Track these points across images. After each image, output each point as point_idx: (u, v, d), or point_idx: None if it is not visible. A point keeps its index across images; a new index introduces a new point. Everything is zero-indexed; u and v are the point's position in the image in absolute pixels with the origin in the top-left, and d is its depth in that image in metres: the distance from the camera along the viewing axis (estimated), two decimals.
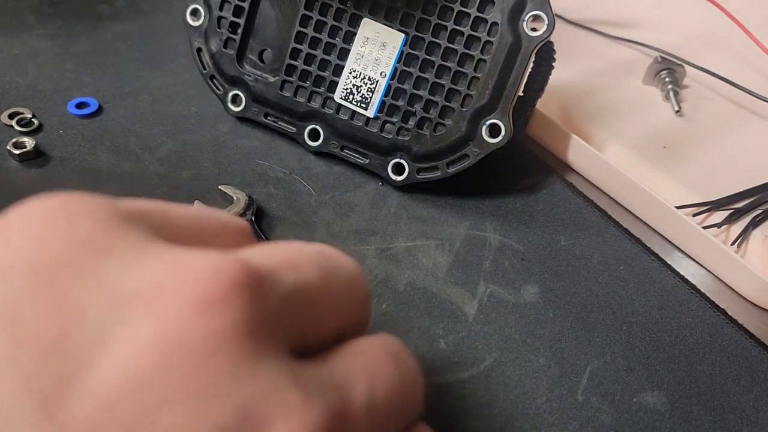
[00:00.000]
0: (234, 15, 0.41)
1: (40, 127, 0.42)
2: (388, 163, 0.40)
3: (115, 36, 0.51)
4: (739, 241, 0.38)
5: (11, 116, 0.42)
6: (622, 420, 0.30)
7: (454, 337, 0.33)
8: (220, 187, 0.38)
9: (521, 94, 0.40)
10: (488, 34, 0.36)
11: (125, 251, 0.15)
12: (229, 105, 0.43)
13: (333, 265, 0.18)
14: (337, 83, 0.40)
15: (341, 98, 0.40)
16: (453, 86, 0.38)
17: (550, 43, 0.38)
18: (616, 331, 0.34)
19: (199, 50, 0.43)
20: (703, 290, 0.37)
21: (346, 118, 0.40)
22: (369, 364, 0.17)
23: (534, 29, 0.36)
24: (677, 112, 0.48)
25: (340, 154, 0.41)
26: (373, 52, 0.39)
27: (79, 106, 0.43)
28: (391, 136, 0.39)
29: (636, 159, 0.44)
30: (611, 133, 0.45)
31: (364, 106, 0.39)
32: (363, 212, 0.39)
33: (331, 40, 0.40)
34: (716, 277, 0.38)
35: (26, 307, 0.13)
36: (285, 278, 0.16)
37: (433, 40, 0.38)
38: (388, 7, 0.38)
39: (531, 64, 0.37)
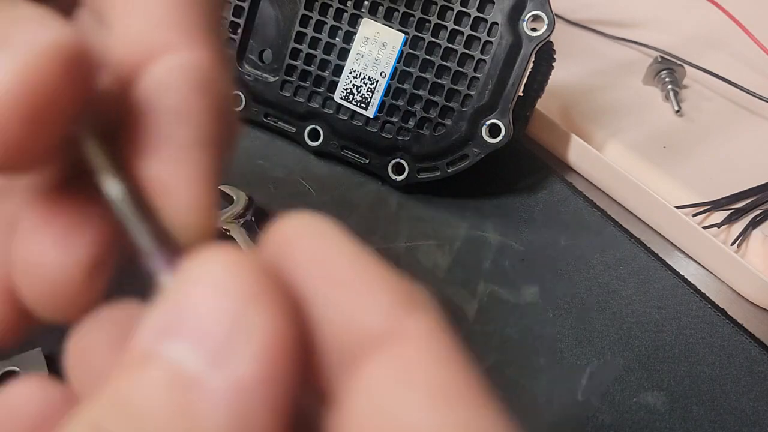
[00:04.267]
0: (234, 15, 0.41)
1: None
2: (388, 163, 0.40)
3: None
4: (739, 241, 0.38)
5: None
6: (622, 420, 0.30)
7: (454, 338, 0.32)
8: (220, 187, 0.38)
9: (521, 94, 0.40)
10: (488, 34, 0.36)
11: None
12: None
13: None
14: (337, 83, 0.40)
15: (341, 98, 0.40)
16: (453, 86, 0.38)
17: (550, 43, 0.38)
18: (616, 331, 0.34)
19: None
20: (703, 290, 0.37)
21: (346, 118, 0.40)
22: None
23: (534, 29, 0.36)
24: (677, 112, 0.48)
25: (340, 154, 0.41)
26: (373, 52, 0.39)
27: None
28: (391, 136, 0.39)
29: (636, 159, 0.43)
30: (611, 133, 0.45)
31: (364, 106, 0.39)
32: (363, 212, 0.39)
33: (331, 40, 0.40)
34: (716, 277, 0.38)
35: None
36: None
37: (433, 40, 0.38)
38: (388, 7, 0.38)
39: (531, 64, 0.37)
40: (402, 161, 0.40)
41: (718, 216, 0.40)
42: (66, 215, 0.13)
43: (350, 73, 0.39)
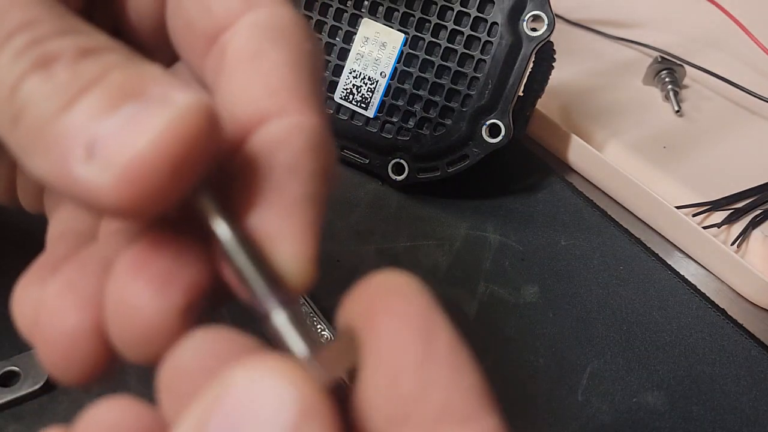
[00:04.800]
0: None
1: None
2: (388, 163, 0.40)
3: None
4: (739, 241, 0.38)
5: None
6: (622, 420, 0.30)
7: None
8: None
9: (521, 94, 0.40)
10: (488, 34, 0.36)
11: None
12: None
13: None
14: (337, 83, 0.40)
15: (341, 98, 0.40)
16: (453, 86, 0.38)
17: (550, 43, 0.38)
18: (616, 331, 0.34)
19: None
20: (703, 290, 0.37)
21: (346, 118, 0.40)
22: None
23: (534, 29, 0.36)
24: (677, 112, 0.48)
25: (340, 154, 0.41)
26: (373, 52, 0.39)
27: None
28: (391, 136, 0.39)
29: (636, 159, 0.43)
30: (611, 133, 0.45)
31: (364, 106, 0.39)
32: (363, 212, 0.39)
33: (330, 40, 0.40)
34: (716, 277, 0.38)
35: None
36: None
37: (433, 40, 0.38)
38: (388, 7, 0.38)
39: (531, 64, 0.37)
40: (402, 161, 0.40)
41: (718, 216, 0.40)
42: (163, 259, 0.13)
43: (350, 73, 0.39)
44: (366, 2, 0.39)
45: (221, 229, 0.13)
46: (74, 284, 0.14)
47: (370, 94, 0.39)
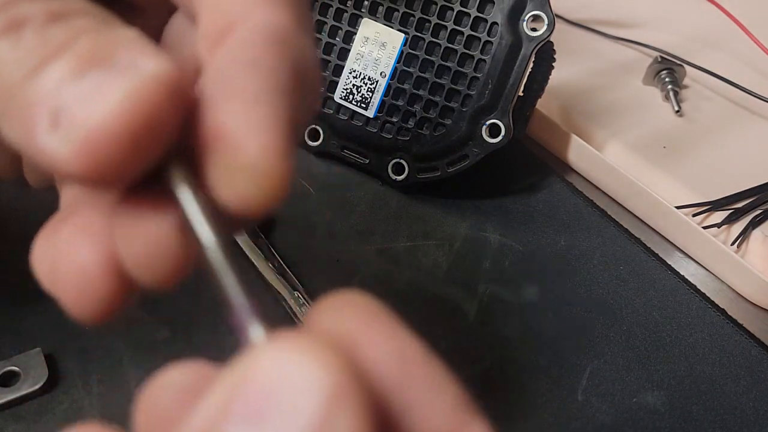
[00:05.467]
0: None
1: None
2: (388, 163, 0.40)
3: None
4: (739, 241, 0.38)
5: None
6: (622, 420, 0.30)
7: (454, 337, 0.33)
8: None
9: (521, 94, 0.40)
10: (488, 34, 0.36)
11: None
12: None
13: None
14: (337, 83, 0.40)
15: (341, 98, 0.40)
16: (453, 86, 0.38)
17: (550, 43, 0.38)
18: (616, 331, 0.34)
19: None
20: (703, 290, 0.37)
21: (346, 118, 0.40)
22: None
23: (534, 29, 0.36)
24: (677, 112, 0.48)
25: (340, 154, 0.41)
26: (373, 52, 0.39)
27: None
28: (391, 136, 0.39)
29: (636, 159, 0.43)
30: (611, 133, 0.45)
31: (364, 106, 0.39)
32: (363, 212, 0.39)
33: (330, 40, 0.40)
34: (716, 277, 0.38)
35: None
36: None
37: (433, 40, 0.38)
38: (388, 7, 0.38)
39: (531, 64, 0.37)
40: (402, 161, 0.40)
41: (718, 216, 0.40)
42: (155, 201, 0.14)
43: (350, 73, 0.39)
44: (366, 2, 0.39)
45: (201, 232, 0.13)
46: (86, 223, 0.14)
47: (370, 94, 0.39)
